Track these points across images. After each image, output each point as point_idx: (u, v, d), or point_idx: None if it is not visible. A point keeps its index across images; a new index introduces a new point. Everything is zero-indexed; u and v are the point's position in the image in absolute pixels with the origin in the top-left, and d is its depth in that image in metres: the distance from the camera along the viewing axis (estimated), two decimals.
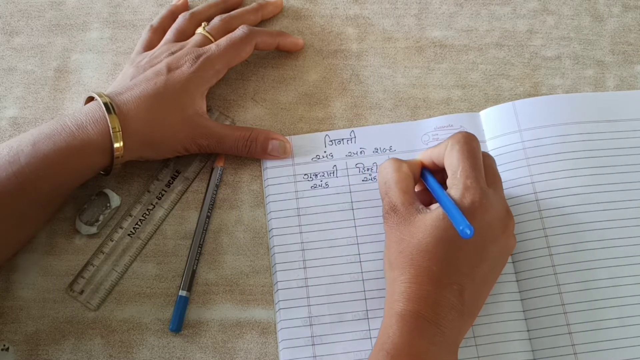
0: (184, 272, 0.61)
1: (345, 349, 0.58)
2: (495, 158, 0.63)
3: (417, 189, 0.59)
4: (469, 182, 0.54)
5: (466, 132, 0.57)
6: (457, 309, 0.53)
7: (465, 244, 0.53)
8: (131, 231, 0.63)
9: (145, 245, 0.62)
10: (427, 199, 0.58)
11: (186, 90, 0.61)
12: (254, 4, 0.71)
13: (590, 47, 0.69)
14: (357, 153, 0.65)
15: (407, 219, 0.55)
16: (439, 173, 0.58)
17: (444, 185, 0.56)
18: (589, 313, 0.57)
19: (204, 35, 0.66)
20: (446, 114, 0.66)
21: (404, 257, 0.54)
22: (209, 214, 0.63)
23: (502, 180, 0.58)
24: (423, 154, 0.59)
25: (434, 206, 0.55)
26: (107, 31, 0.71)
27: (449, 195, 0.54)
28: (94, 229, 0.62)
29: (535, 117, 0.64)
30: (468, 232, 0.50)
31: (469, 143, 0.56)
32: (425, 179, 0.58)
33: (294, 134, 0.66)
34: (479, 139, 0.64)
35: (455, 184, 0.55)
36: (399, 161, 0.58)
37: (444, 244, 0.53)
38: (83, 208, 0.63)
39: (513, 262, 0.60)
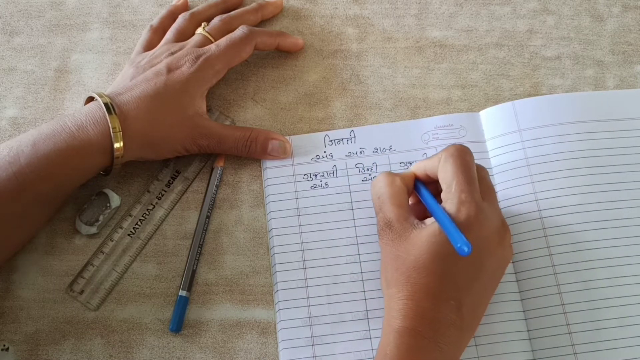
0: (184, 272, 0.61)
1: (345, 349, 0.58)
2: (495, 158, 0.63)
3: (410, 201, 0.59)
4: (464, 196, 0.53)
5: (460, 145, 0.56)
6: (456, 325, 0.52)
7: (461, 259, 0.52)
8: (131, 231, 0.63)
9: (145, 245, 0.63)
10: (421, 211, 0.57)
11: (186, 91, 0.61)
12: (254, 4, 0.71)
13: (590, 47, 0.69)
14: (356, 153, 0.65)
15: (402, 235, 0.54)
16: (432, 184, 0.58)
17: (437, 197, 0.56)
18: (588, 313, 0.57)
19: (204, 35, 0.66)
20: (446, 113, 0.66)
21: (401, 274, 0.53)
22: (209, 214, 0.63)
23: (502, 181, 0.58)
24: (416, 166, 0.59)
25: (429, 221, 0.55)
26: (107, 31, 0.71)
27: (444, 209, 0.54)
28: (94, 229, 0.62)
29: (535, 116, 0.64)
30: (466, 249, 0.50)
31: (463, 156, 0.55)
32: (420, 192, 0.58)
33: (294, 134, 0.66)
34: (479, 139, 0.64)
35: (450, 198, 0.54)
36: (391, 175, 0.58)
37: (440, 259, 0.53)
38: (83, 208, 0.63)
39: (513, 263, 0.60)
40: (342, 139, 0.65)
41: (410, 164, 0.64)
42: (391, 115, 0.67)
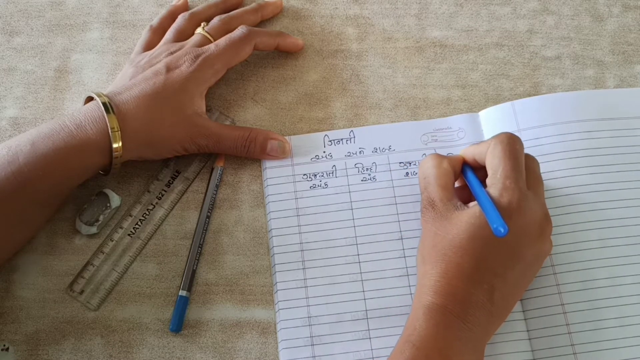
0: (184, 272, 0.61)
1: (344, 349, 0.58)
2: None
3: (456, 184, 0.59)
4: (508, 183, 0.54)
5: (510, 133, 0.57)
6: (486, 308, 0.52)
7: (499, 244, 0.53)
8: (131, 231, 0.63)
9: (145, 245, 0.63)
10: (467, 196, 0.58)
11: (185, 90, 0.62)
12: (253, 4, 0.71)
13: (590, 47, 0.69)
14: (356, 153, 0.65)
15: (443, 215, 0.55)
16: (480, 170, 0.58)
17: (484, 183, 0.56)
18: (588, 313, 0.57)
19: (204, 35, 0.66)
20: (446, 113, 0.66)
21: (437, 251, 0.54)
22: (209, 214, 0.63)
23: None
24: (466, 150, 0.59)
25: (472, 204, 0.55)
26: (107, 31, 0.71)
27: (487, 193, 0.54)
28: (94, 229, 0.62)
29: (534, 116, 0.64)
30: (502, 230, 0.50)
31: (512, 144, 0.56)
32: (466, 175, 0.58)
33: (293, 134, 0.66)
34: (478, 139, 0.64)
35: (494, 184, 0.55)
36: (440, 157, 0.58)
37: (477, 241, 0.53)
38: (83, 208, 0.63)
39: None
40: (342, 139, 0.65)
41: (410, 164, 0.64)
42: (391, 115, 0.67)
